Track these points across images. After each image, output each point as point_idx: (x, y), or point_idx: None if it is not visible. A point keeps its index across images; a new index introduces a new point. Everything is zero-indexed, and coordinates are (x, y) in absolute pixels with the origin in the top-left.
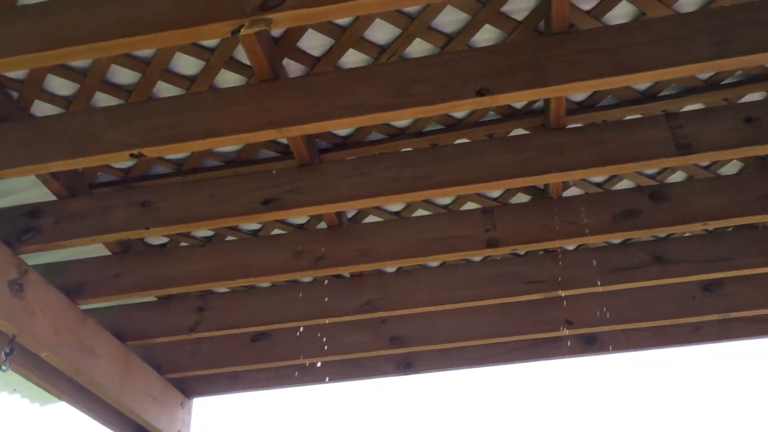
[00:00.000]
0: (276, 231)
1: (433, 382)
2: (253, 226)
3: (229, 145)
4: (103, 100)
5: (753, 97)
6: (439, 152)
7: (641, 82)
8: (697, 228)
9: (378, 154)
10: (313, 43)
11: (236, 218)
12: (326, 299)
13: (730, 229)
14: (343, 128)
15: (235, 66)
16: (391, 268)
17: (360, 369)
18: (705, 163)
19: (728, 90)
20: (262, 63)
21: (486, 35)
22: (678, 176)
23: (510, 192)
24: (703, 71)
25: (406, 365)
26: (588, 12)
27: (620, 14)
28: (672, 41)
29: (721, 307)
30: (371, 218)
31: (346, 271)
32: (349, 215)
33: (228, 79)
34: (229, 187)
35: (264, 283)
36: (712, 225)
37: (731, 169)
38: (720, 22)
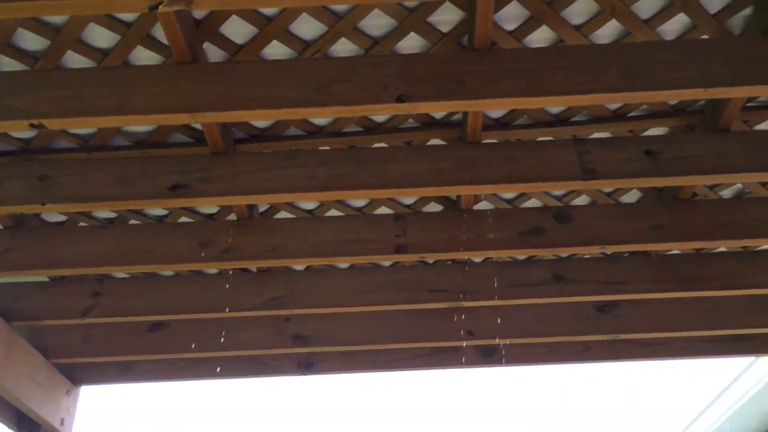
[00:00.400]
0: (183, 219)
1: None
2: (159, 211)
3: (139, 124)
4: (6, 64)
5: (655, 131)
6: (357, 154)
7: (555, 105)
8: (595, 251)
9: (295, 150)
10: (237, 30)
11: (141, 201)
12: (230, 293)
13: (626, 254)
14: (260, 120)
15: (153, 44)
16: (299, 266)
17: (260, 366)
18: (607, 190)
19: (633, 122)
20: (181, 44)
21: (411, 43)
22: (582, 200)
23: (423, 200)
24: (612, 101)
25: (308, 365)
26: (510, 32)
27: (540, 38)
28: (586, 69)
29: (612, 329)
30: (283, 214)
31: (252, 266)
32: (261, 209)
33: (144, 56)
34: (137, 168)
35: (166, 271)
36: (609, 249)
37: (631, 197)
38: (631, 57)
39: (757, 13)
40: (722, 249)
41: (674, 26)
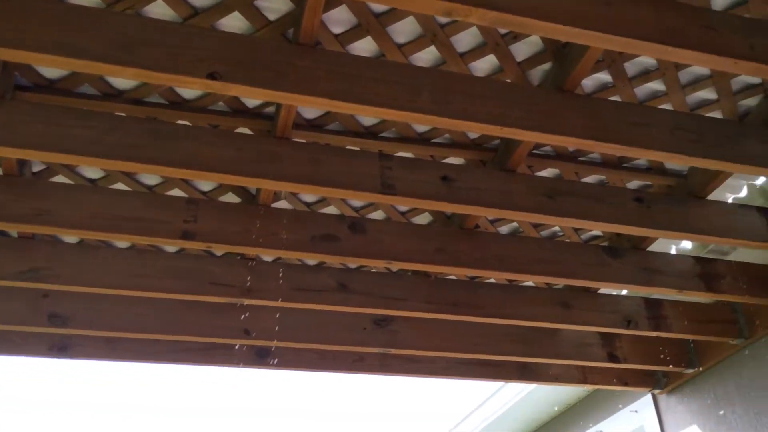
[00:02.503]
0: None
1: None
2: None
3: None
4: None
5: (453, 160)
6: (156, 127)
7: (368, 114)
8: (382, 264)
9: (86, 110)
10: None
11: None
12: None
13: (409, 273)
14: (50, 66)
15: None
16: (70, 237)
17: (6, 344)
18: (402, 209)
19: (435, 148)
20: None
21: (233, 23)
22: (378, 215)
23: (222, 189)
24: (421, 122)
25: (61, 348)
26: (336, 35)
27: (363, 48)
28: (402, 87)
29: (385, 343)
30: (61, 179)
31: (13, 229)
32: (35, 168)
33: None
34: None
35: None
36: (395, 265)
37: (422, 220)
38: (444, 84)
39: (555, 69)
40: (492, 280)
41: (484, 65)
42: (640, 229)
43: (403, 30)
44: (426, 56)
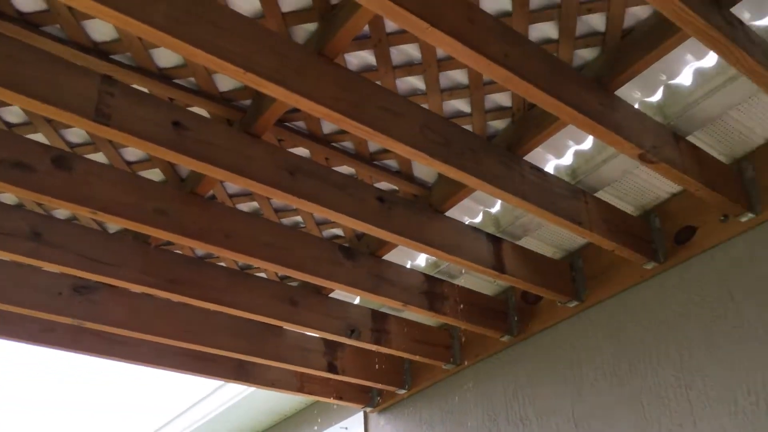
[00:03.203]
0: None
1: None
2: None
3: None
4: None
5: (196, 111)
6: None
7: (83, 8)
8: (85, 213)
9: None
10: None
11: None
12: None
13: (131, 237)
14: None
15: None
16: None
17: None
18: (131, 159)
19: (176, 90)
20: None
21: None
22: (99, 158)
23: None
24: (151, 38)
25: None
26: None
27: None
28: None
29: (83, 314)
30: None
31: None
32: None
33: None
34: None
35: None
36: (102, 217)
37: (153, 176)
38: (191, 7)
39: (320, 31)
40: (223, 264)
41: (246, 6)
42: (373, 228)
43: None
44: None
